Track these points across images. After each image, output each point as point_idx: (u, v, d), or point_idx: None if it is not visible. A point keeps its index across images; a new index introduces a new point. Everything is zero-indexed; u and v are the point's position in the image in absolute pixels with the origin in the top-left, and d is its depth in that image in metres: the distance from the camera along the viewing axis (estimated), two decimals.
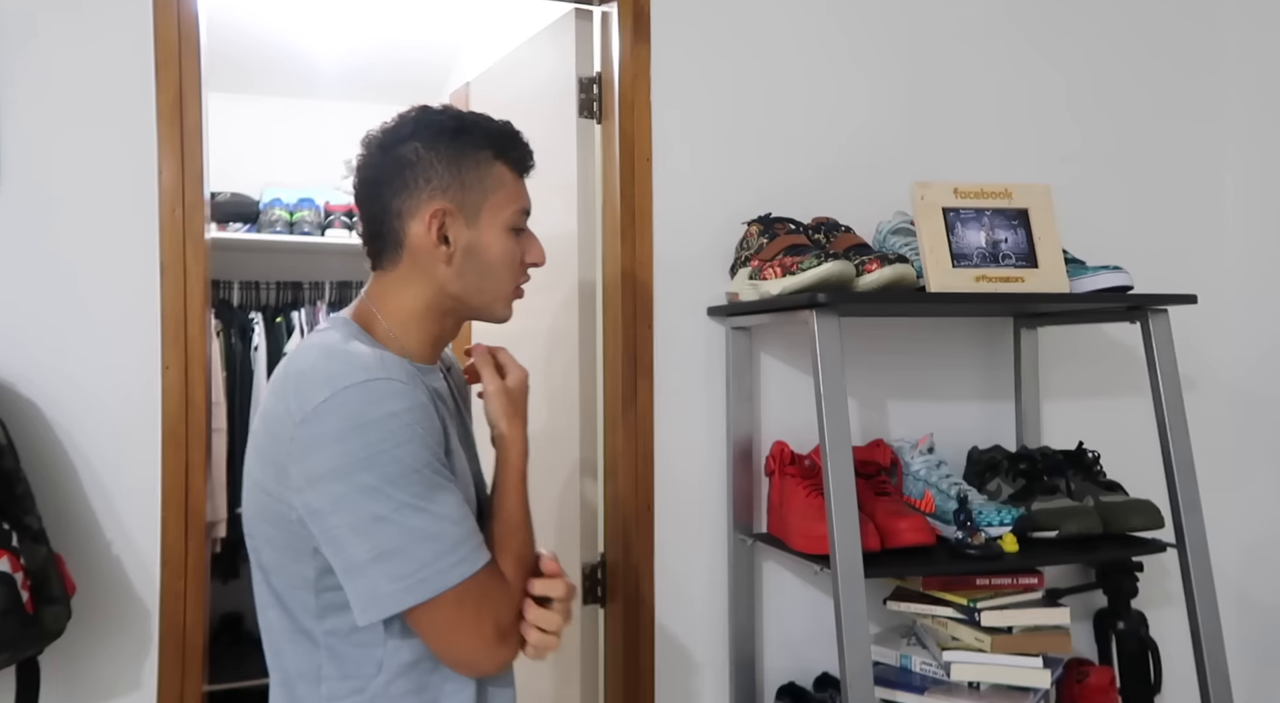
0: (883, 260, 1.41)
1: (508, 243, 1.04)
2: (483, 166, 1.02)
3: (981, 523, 1.47)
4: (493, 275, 1.04)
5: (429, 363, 1.05)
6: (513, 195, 1.04)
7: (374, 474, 0.87)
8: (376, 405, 0.89)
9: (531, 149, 1.08)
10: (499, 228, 1.03)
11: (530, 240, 1.07)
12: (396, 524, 0.87)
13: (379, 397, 0.89)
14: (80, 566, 1.35)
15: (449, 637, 0.92)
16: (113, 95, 1.40)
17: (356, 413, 0.88)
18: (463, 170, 1.01)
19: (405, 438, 0.89)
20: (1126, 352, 1.92)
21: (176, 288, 1.41)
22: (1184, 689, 1.61)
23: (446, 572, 0.89)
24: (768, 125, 1.73)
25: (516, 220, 1.05)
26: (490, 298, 1.05)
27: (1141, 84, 1.98)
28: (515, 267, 1.05)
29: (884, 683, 1.49)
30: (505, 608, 0.95)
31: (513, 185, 1.05)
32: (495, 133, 1.04)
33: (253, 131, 3.23)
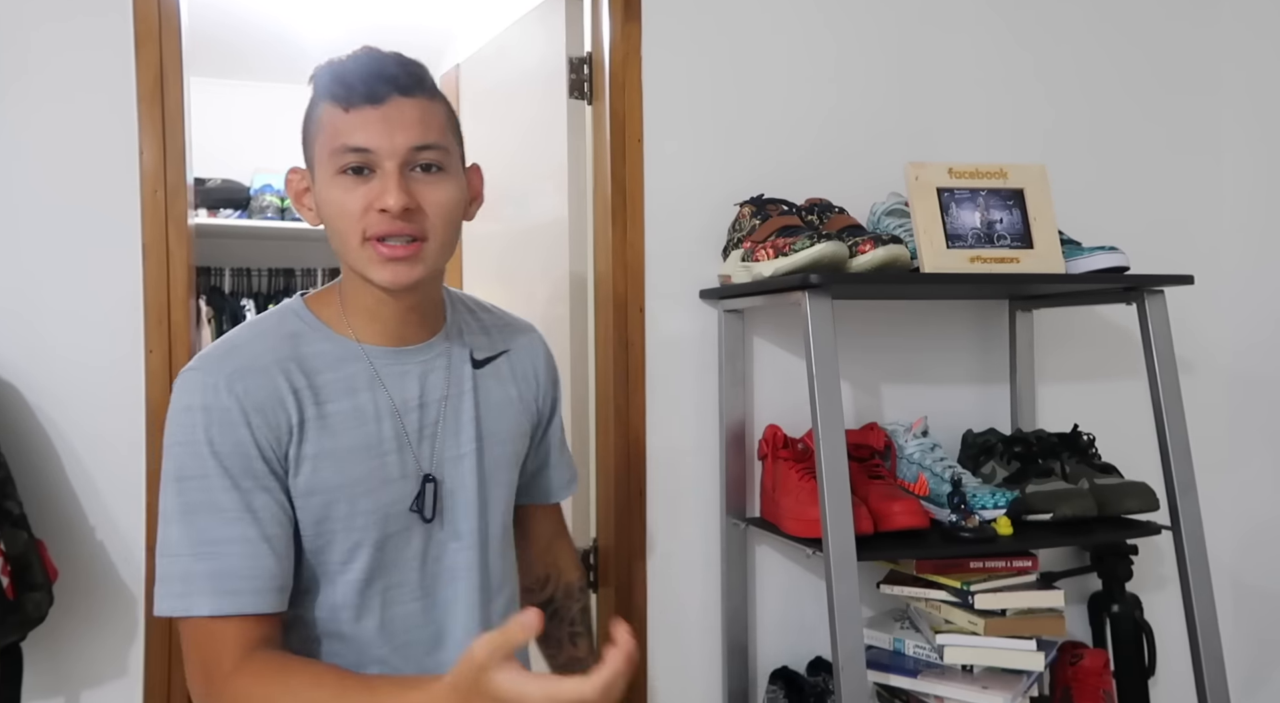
0: (876, 241, 1.39)
1: (335, 190, 0.87)
2: (311, 114, 0.91)
3: (975, 506, 1.46)
4: (336, 229, 0.88)
5: (393, 344, 0.94)
6: (332, 134, 0.87)
7: (165, 464, 0.86)
8: (180, 395, 0.86)
9: (364, 70, 0.87)
10: (327, 176, 0.88)
11: (377, 180, 0.86)
12: (163, 525, 0.85)
13: (184, 387, 0.87)
14: (63, 552, 1.34)
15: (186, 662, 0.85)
16: (92, 74, 1.38)
17: (174, 399, 0.87)
18: (307, 124, 0.92)
19: (185, 438, 0.84)
20: (1122, 334, 1.91)
21: (159, 271, 1.39)
22: (1178, 672, 1.61)
23: (162, 598, 0.84)
24: (761, 105, 1.70)
25: (339, 161, 0.86)
26: (350, 257, 0.89)
27: (1138, 65, 1.96)
28: (354, 212, 0.86)
29: (877, 667, 1.48)
30: (216, 674, 0.82)
31: (333, 121, 0.87)
32: (319, 72, 0.91)
33: (243, 117, 3.20)
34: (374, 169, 0.87)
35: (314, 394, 0.89)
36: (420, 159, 0.88)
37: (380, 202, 0.85)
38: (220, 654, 0.82)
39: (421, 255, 0.88)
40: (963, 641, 1.44)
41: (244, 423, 0.85)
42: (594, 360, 1.70)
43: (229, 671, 0.81)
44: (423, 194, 0.87)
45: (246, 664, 0.81)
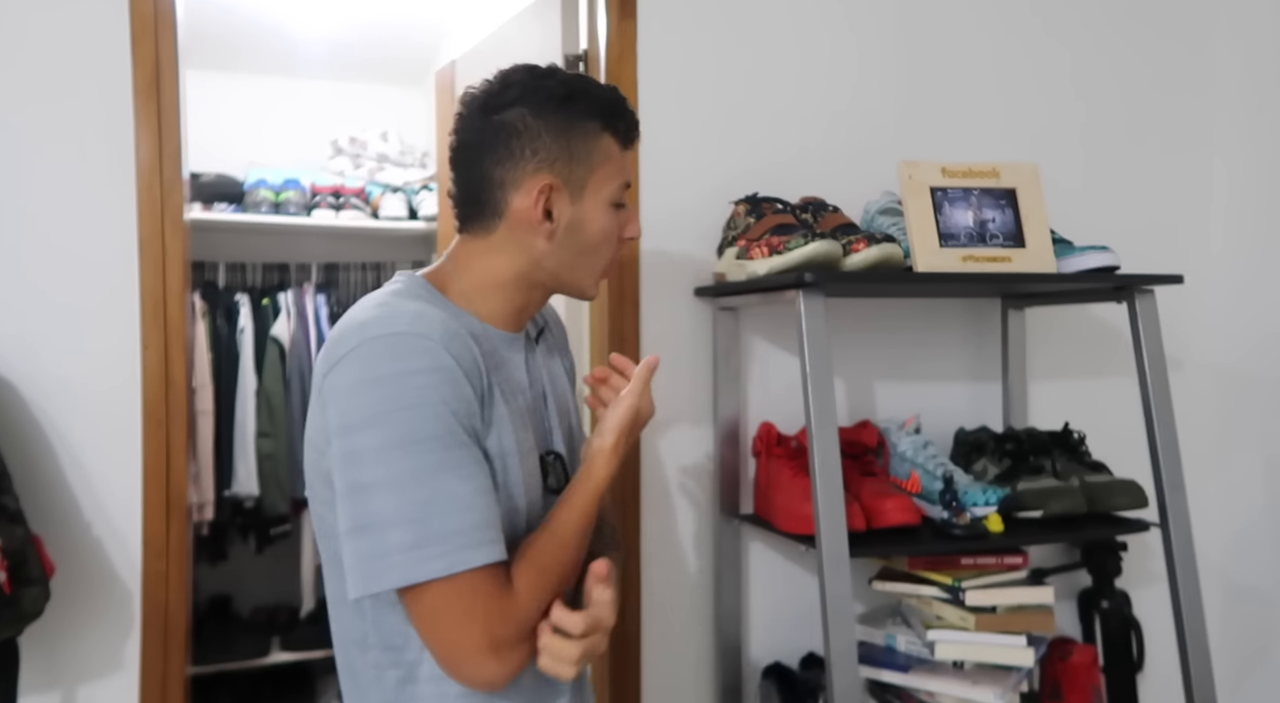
0: (870, 240, 1.40)
1: (609, 219, 0.99)
2: (590, 139, 0.97)
3: (967, 503, 1.47)
4: (590, 252, 0.99)
5: (511, 330, 1.00)
6: (618, 169, 0.99)
7: (376, 435, 0.82)
8: (395, 361, 0.84)
9: (638, 119, 1.02)
10: (602, 204, 0.98)
11: (629, 214, 1.03)
12: (381, 499, 0.82)
13: (400, 352, 0.84)
14: (59, 547, 1.34)
15: (430, 635, 0.84)
16: (87, 69, 1.38)
17: (374, 366, 0.84)
18: (571, 142, 0.96)
19: (416, 400, 0.83)
20: (1113, 333, 1.92)
21: (155, 266, 1.39)
22: (1166, 667, 1.62)
23: (419, 564, 0.81)
24: (755, 104, 1.71)
25: (619, 195, 1.00)
26: (582, 274, 1.01)
27: (1131, 65, 1.97)
28: (613, 243, 1.01)
29: (869, 662, 1.50)
30: (499, 619, 0.83)
31: (619, 159, 1.00)
32: (604, 101, 0.98)
33: (237, 111, 3.19)
34: (622, 204, 1.02)
35: (488, 363, 0.92)
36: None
37: (629, 231, 1.03)
38: (496, 600, 0.83)
39: None
40: (954, 637, 1.45)
41: (466, 382, 0.87)
42: (589, 357, 1.71)
43: (503, 618, 0.84)
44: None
45: (513, 597, 0.85)
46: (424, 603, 0.83)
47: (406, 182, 3.15)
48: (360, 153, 3.16)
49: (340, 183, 3.08)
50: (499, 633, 0.84)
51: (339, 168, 3.13)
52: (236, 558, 2.87)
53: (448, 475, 0.83)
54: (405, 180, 3.15)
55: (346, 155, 3.16)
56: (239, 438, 2.69)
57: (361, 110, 3.29)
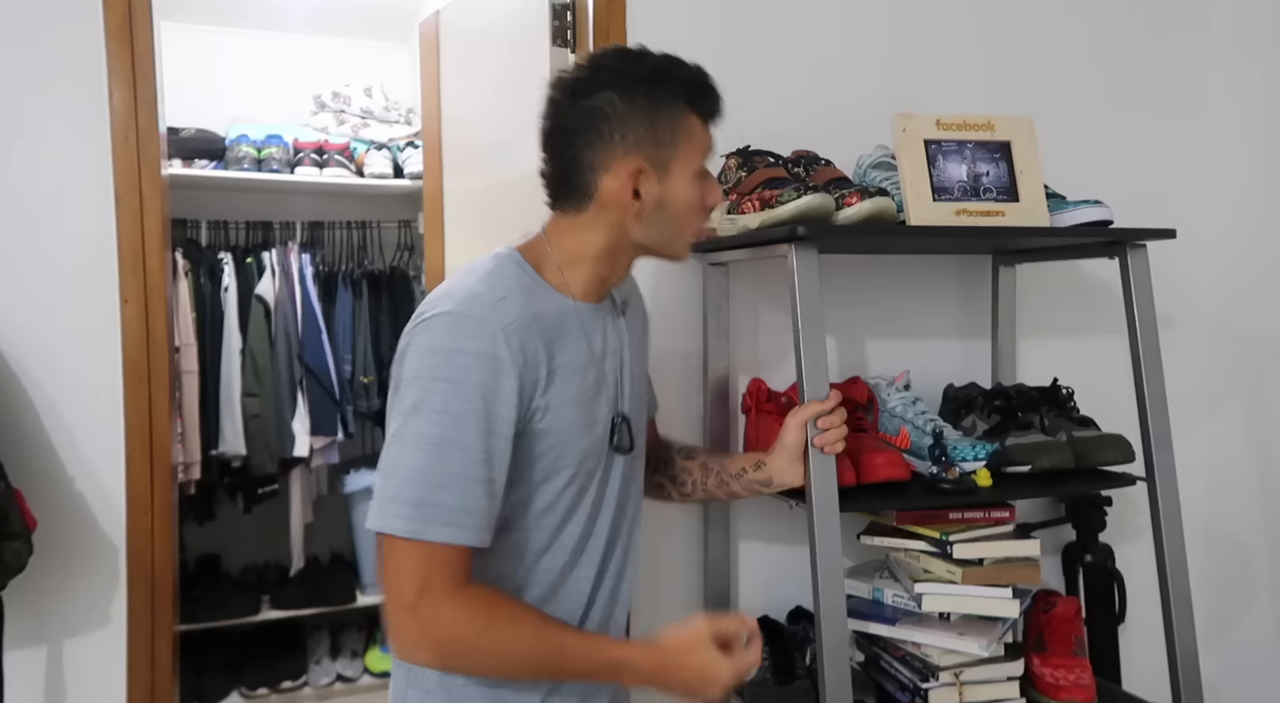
0: (863, 194, 1.38)
1: (693, 191, 1.05)
2: (676, 120, 1.03)
3: (956, 458, 1.47)
4: (677, 223, 1.06)
5: (593, 301, 1.07)
6: (700, 144, 1.06)
7: (414, 396, 0.92)
8: (454, 337, 0.92)
9: (720, 95, 1.07)
10: (687, 178, 1.04)
11: (710, 182, 1.09)
12: (395, 451, 0.91)
13: (461, 331, 0.92)
14: (42, 502, 1.33)
15: (383, 579, 0.93)
16: (56, 13, 1.33)
17: (439, 337, 0.93)
18: (657, 125, 1.01)
19: (455, 377, 0.91)
20: (1103, 289, 1.92)
21: (133, 219, 1.36)
22: (1147, 619, 1.65)
23: (388, 516, 0.90)
24: (747, 54, 1.67)
25: (702, 168, 1.07)
26: (673, 243, 1.08)
27: (1128, 20, 1.94)
28: (699, 211, 1.08)
29: (857, 616, 1.51)
30: (429, 596, 0.91)
31: (701, 134, 1.06)
32: (689, 83, 1.04)
33: (217, 66, 3.12)
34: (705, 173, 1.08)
35: (550, 349, 0.99)
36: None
37: (712, 198, 1.09)
38: (439, 576, 0.91)
39: None
40: (941, 589, 1.47)
41: (514, 375, 0.94)
42: None
43: (443, 593, 0.91)
44: None
45: (460, 594, 0.92)
46: (385, 551, 0.92)
47: (391, 138, 3.09)
48: (344, 108, 3.10)
49: (324, 139, 3.02)
50: (420, 609, 0.90)
51: (322, 124, 3.07)
52: (225, 518, 2.87)
53: (449, 452, 0.91)
54: (390, 137, 3.10)
55: (330, 111, 3.10)
56: (225, 398, 2.67)
57: (345, 65, 3.22)
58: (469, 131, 2.09)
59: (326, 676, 2.80)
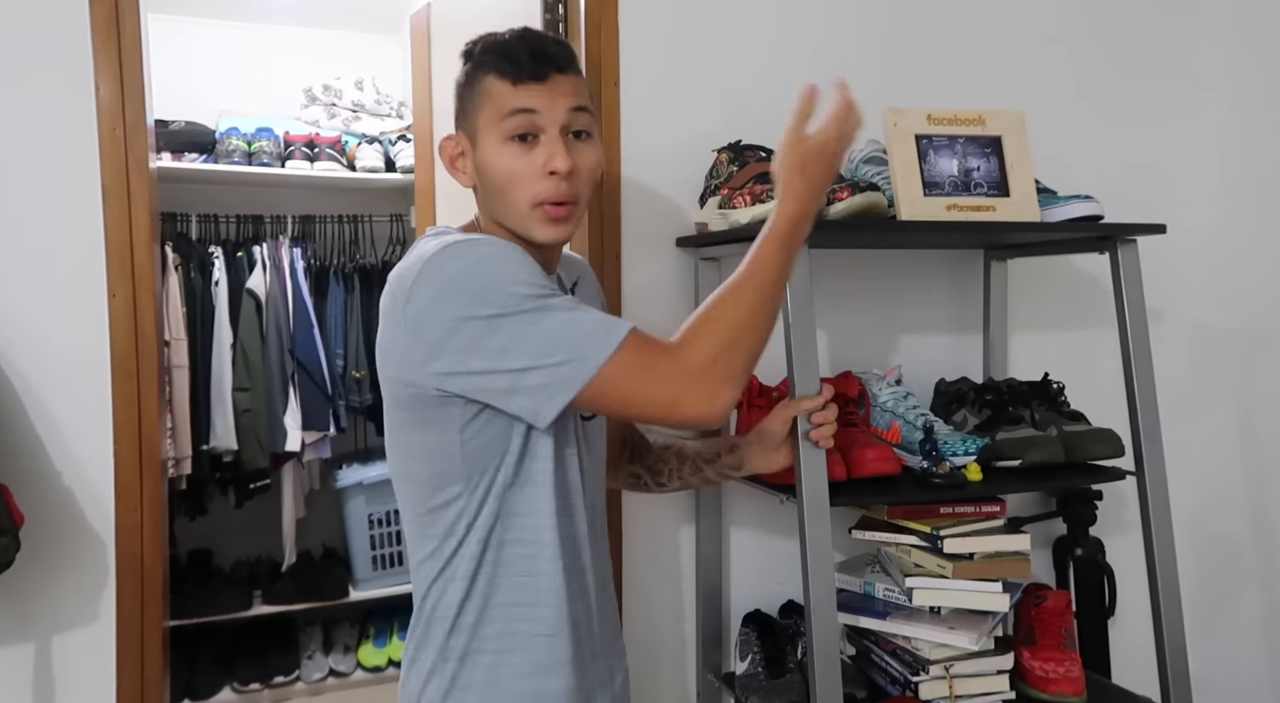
0: (854, 189, 1.38)
1: (505, 156, 1.00)
2: (476, 85, 1.02)
3: (947, 453, 1.47)
4: (500, 193, 1.01)
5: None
6: (499, 104, 0.99)
7: (478, 323, 0.90)
8: (459, 259, 0.92)
9: (531, 51, 1.00)
10: (494, 142, 1.00)
11: (549, 148, 0.99)
12: (523, 342, 0.90)
13: (460, 251, 0.92)
14: (29, 498, 1.32)
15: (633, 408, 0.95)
16: (42, 5, 1.32)
17: (444, 272, 0.92)
18: (464, 96, 1.03)
19: (489, 280, 0.90)
20: (1093, 284, 1.93)
21: (121, 212, 1.35)
22: (1137, 613, 1.66)
23: (574, 377, 0.90)
24: (739, 49, 1.67)
25: (511, 127, 0.99)
26: (515, 217, 1.02)
27: (1118, 16, 1.94)
28: (524, 178, 0.99)
29: (848, 609, 1.51)
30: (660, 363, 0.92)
31: (500, 94, 1.00)
32: (487, 46, 1.02)
33: (207, 58, 3.10)
34: (538, 136, 0.99)
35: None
36: (576, 123, 1.00)
37: (550, 164, 0.98)
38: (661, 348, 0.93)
39: (574, 215, 1.02)
40: (931, 583, 1.47)
41: (531, 260, 0.95)
42: None
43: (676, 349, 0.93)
44: (578, 159, 1.00)
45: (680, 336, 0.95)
46: (612, 392, 0.92)
47: (383, 131, 3.08)
48: (335, 102, 3.09)
49: (315, 132, 3.00)
50: (669, 371, 0.92)
51: (313, 117, 3.06)
52: (216, 513, 2.86)
53: (547, 314, 0.91)
54: (381, 130, 3.08)
55: (321, 104, 3.08)
56: (215, 392, 2.66)
57: (336, 58, 3.21)
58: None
59: (319, 671, 2.80)
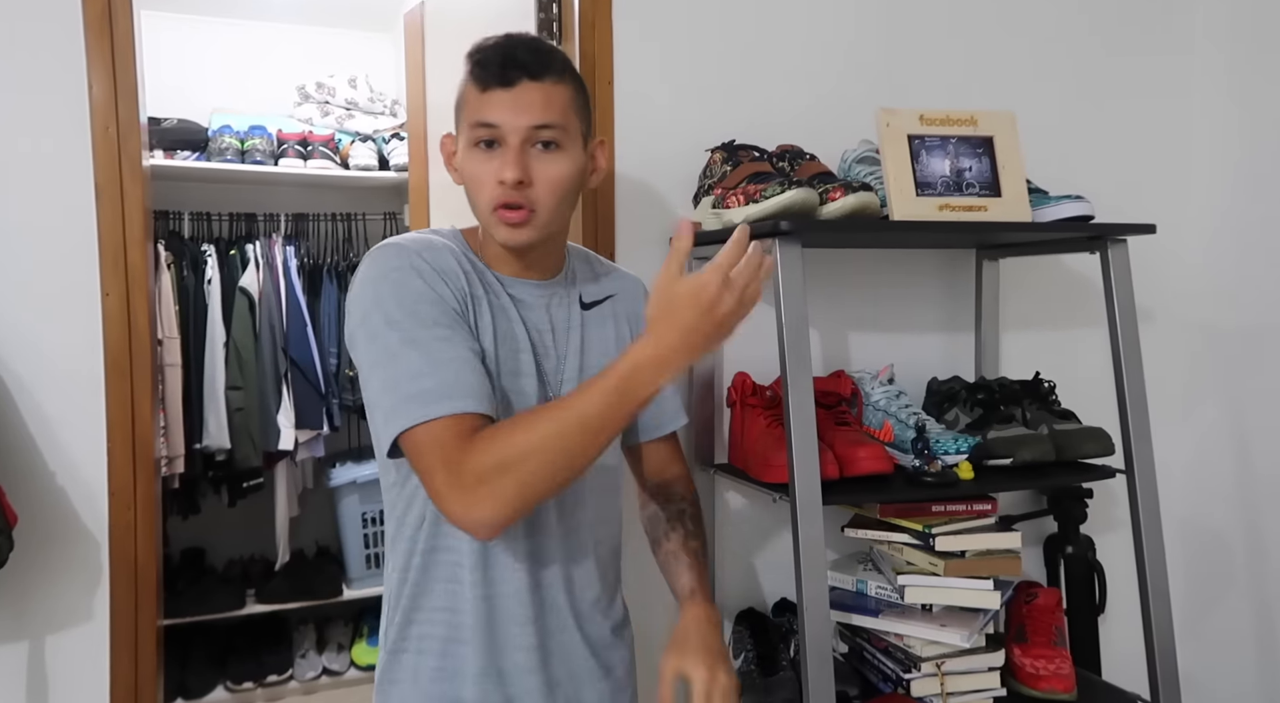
0: (847, 189, 1.39)
1: (472, 160, 1.03)
2: (461, 88, 1.05)
3: (939, 451, 1.48)
4: (471, 194, 1.05)
5: (520, 275, 1.08)
6: (471, 109, 1.03)
7: (360, 328, 0.97)
8: (373, 266, 0.99)
9: (503, 57, 1.01)
10: (465, 146, 1.04)
11: (499, 155, 1.01)
12: (374, 371, 0.96)
13: (379, 258, 1.00)
14: (23, 497, 1.32)
15: (419, 472, 0.95)
16: (35, 4, 1.31)
17: (362, 273, 1.00)
18: (456, 98, 1.06)
19: (385, 295, 0.96)
20: (1084, 283, 1.94)
21: (114, 211, 1.35)
22: (1127, 610, 1.67)
23: (394, 423, 0.94)
24: (733, 49, 1.67)
25: (473, 135, 1.02)
26: (481, 218, 1.05)
27: (1111, 16, 1.95)
28: (484, 183, 1.02)
29: (840, 607, 1.52)
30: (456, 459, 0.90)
31: (472, 99, 1.02)
32: (472, 49, 1.04)
33: (199, 56, 3.09)
34: (501, 143, 1.01)
35: (480, 282, 1.05)
36: (540, 137, 1.01)
37: (499, 174, 1.00)
38: (454, 445, 0.92)
39: (530, 222, 1.02)
40: (923, 581, 1.48)
41: (437, 279, 1.00)
42: None
43: (460, 454, 0.91)
44: (537, 170, 1.01)
45: (474, 442, 0.92)
46: (411, 456, 0.95)
47: (376, 130, 3.07)
48: (328, 100, 3.08)
49: (308, 130, 3.00)
50: (451, 479, 0.91)
51: (306, 115, 3.05)
52: (209, 511, 2.86)
53: (409, 351, 0.95)
54: (375, 128, 3.08)
55: (314, 102, 3.07)
56: (208, 391, 2.65)
57: (329, 56, 3.20)
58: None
59: (312, 669, 2.80)
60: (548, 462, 0.90)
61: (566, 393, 1.01)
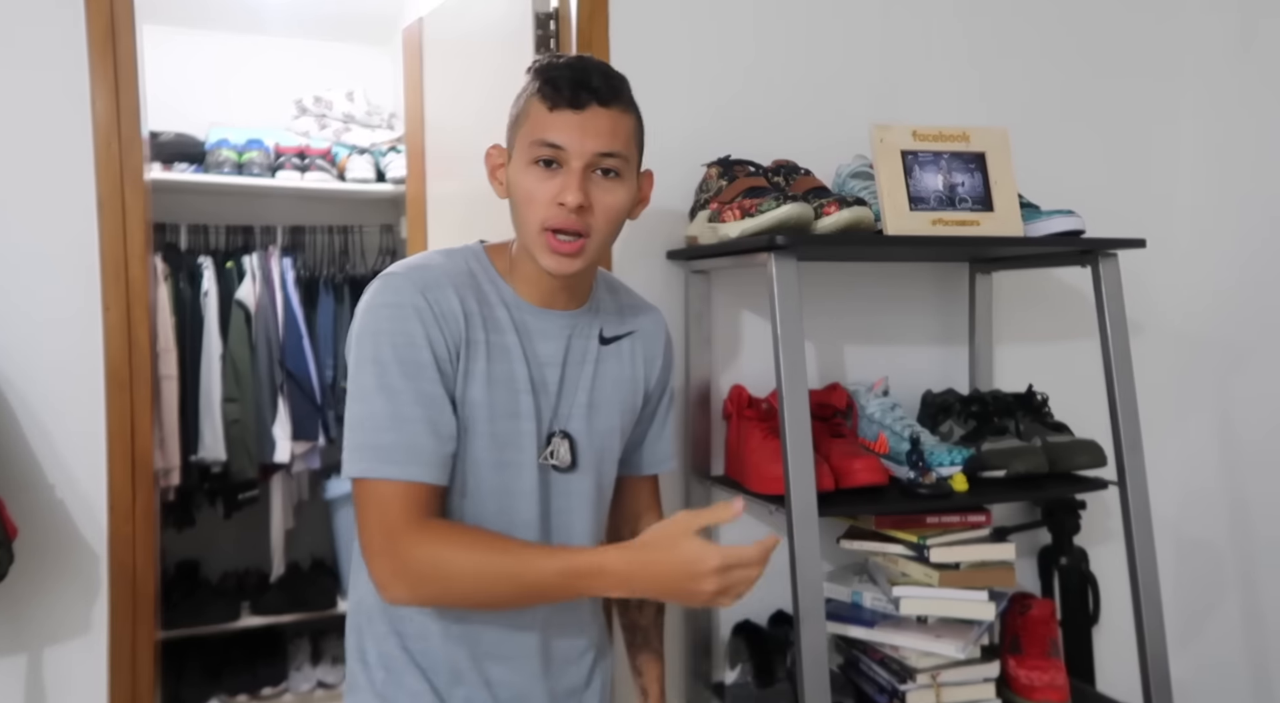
0: (841, 203, 1.40)
1: (526, 178, 1.00)
2: (521, 104, 1.03)
3: (933, 463, 1.50)
4: (520, 211, 1.02)
5: (544, 304, 1.06)
6: (535, 126, 1.00)
7: (351, 355, 0.98)
8: (375, 296, 0.98)
9: (574, 79, 0.99)
10: (523, 161, 1.01)
11: (561, 176, 0.98)
12: (351, 402, 0.97)
13: (381, 289, 0.99)
14: (23, 510, 1.32)
15: (358, 520, 0.97)
16: (39, 21, 1.33)
17: (365, 300, 0.99)
18: (515, 109, 1.04)
19: (377, 330, 0.96)
20: (1076, 297, 1.96)
21: (115, 226, 1.36)
22: (1120, 621, 1.68)
23: (349, 464, 0.95)
24: (728, 64, 1.70)
25: (534, 152, 0.99)
26: (527, 237, 1.01)
27: (1099, 33, 1.98)
28: (539, 202, 0.98)
29: (836, 619, 1.53)
30: (388, 533, 0.93)
31: (537, 116, 1.00)
32: (540, 66, 1.02)
33: (198, 69, 3.10)
34: (563, 165, 0.99)
35: (483, 322, 1.02)
36: (603, 164, 1.00)
37: (561, 196, 0.97)
38: (398, 513, 0.94)
39: (583, 251, 1.00)
40: (918, 592, 1.49)
41: (430, 322, 0.97)
42: None
43: (404, 530, 0.93)
44: (597, 196, 1.00)
45: (423, 528, 0.94)
46: (354, 497, 0.97)
47: (373, 143, 3.09)
48: (326, 113, 3.10)
49: (305, 143, 3.01)
50: (386, 546, 0.93)
51: (304, 128, 3.07)
52: (204, 524, 2.85)
53: (381, 397, 0.95)
54: (372, 141, 3.09)
55: (311, 115, 3.09)
56: (204, 403, 2.66)
57: (327, 69, 3.22)
58: (452, 137, 2.09)
59: (307, 682, 2.79)
60: (476, 591, 0.95)
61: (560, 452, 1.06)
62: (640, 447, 1.23)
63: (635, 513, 1.27)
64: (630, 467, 1.23)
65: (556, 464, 1.07)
